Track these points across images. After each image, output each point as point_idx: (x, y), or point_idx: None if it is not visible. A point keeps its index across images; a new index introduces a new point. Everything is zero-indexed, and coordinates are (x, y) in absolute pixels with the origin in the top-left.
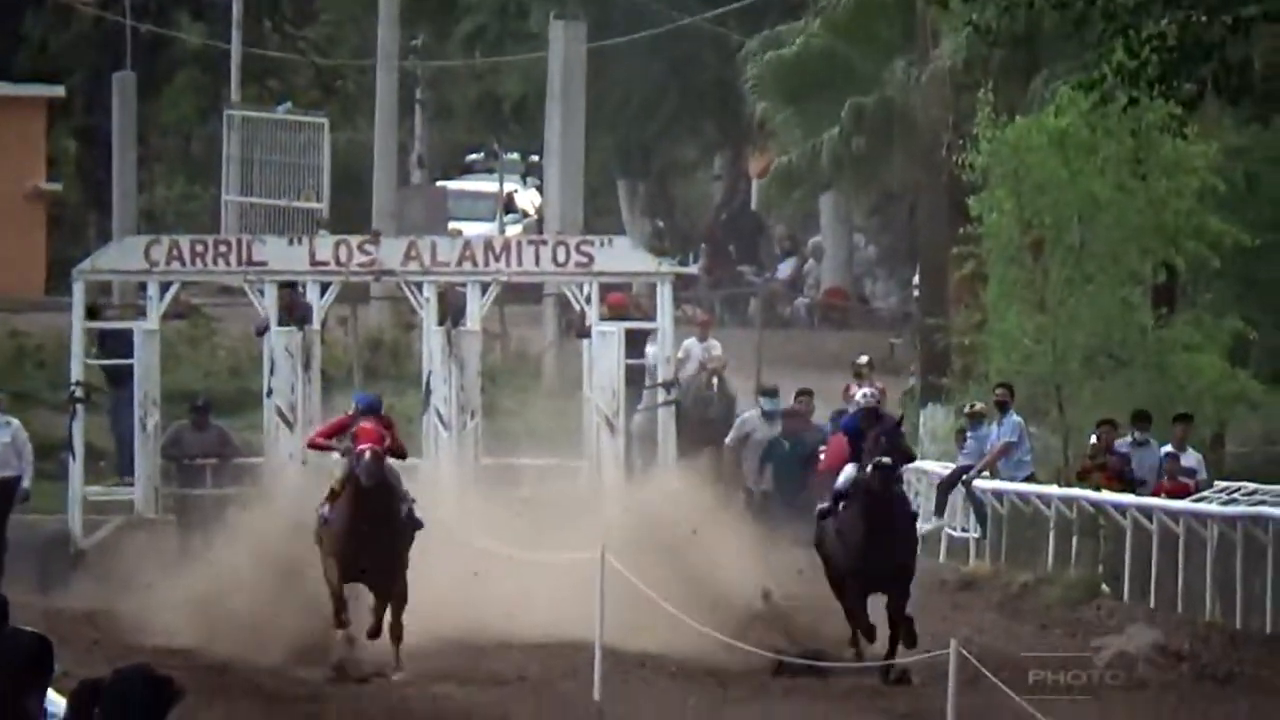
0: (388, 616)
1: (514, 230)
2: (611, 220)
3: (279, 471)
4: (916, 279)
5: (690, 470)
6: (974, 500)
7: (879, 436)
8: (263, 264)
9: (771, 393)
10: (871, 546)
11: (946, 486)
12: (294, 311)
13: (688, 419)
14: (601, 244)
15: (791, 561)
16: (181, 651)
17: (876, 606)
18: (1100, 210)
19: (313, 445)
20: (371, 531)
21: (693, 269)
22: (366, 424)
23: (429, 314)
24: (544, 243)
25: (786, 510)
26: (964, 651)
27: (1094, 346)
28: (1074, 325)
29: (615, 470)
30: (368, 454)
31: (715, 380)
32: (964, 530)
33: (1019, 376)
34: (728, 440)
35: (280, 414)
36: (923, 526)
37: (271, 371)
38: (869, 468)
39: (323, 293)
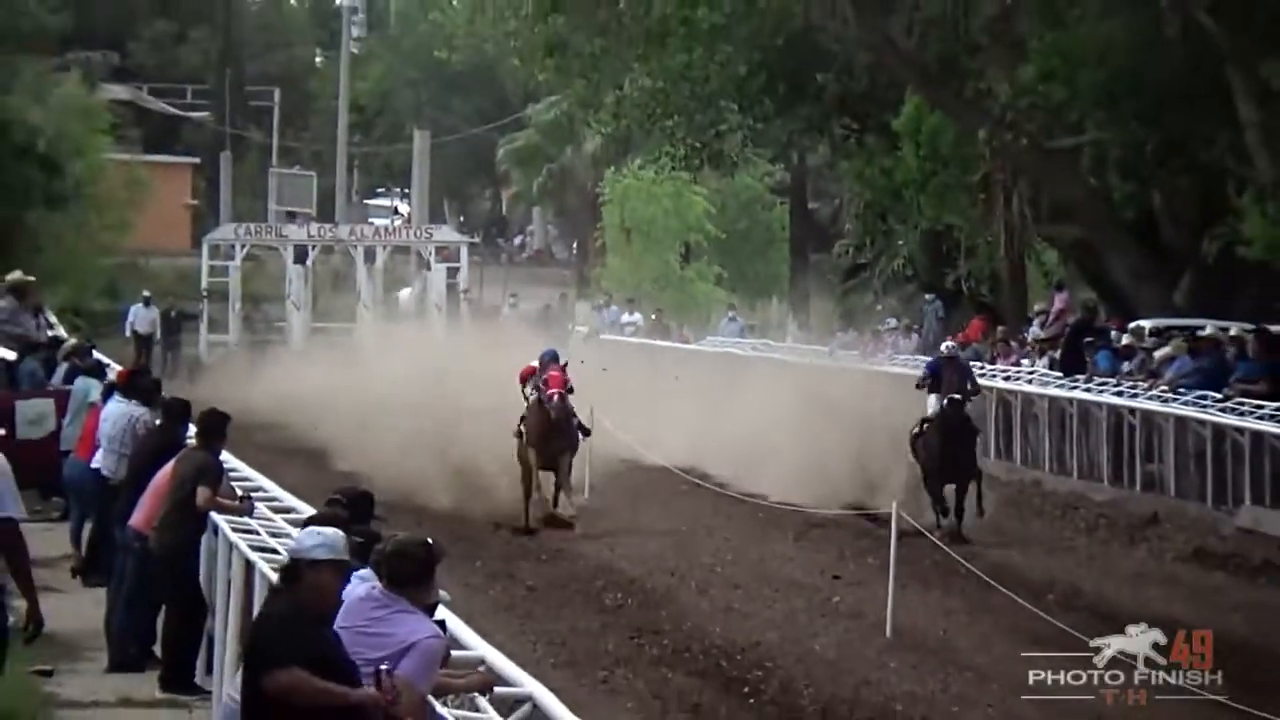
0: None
1: None
2: None
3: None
4: None
5: None
6: None
7: (953, 377)
8: None
9: None
10: (946, 454)
11: None
12: None
13: None
14: None
15: None
16: None
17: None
18: None
19: (522, 377)
20: (553, 437)
21: None
22: (555, 372)
23: None
24: None
25: None
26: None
27: None
28: None
29: None
30: (556, 398)
31: None
32: None
33: None
34: None
35: None
36: None
37: None
38: (945, 401)
39: None
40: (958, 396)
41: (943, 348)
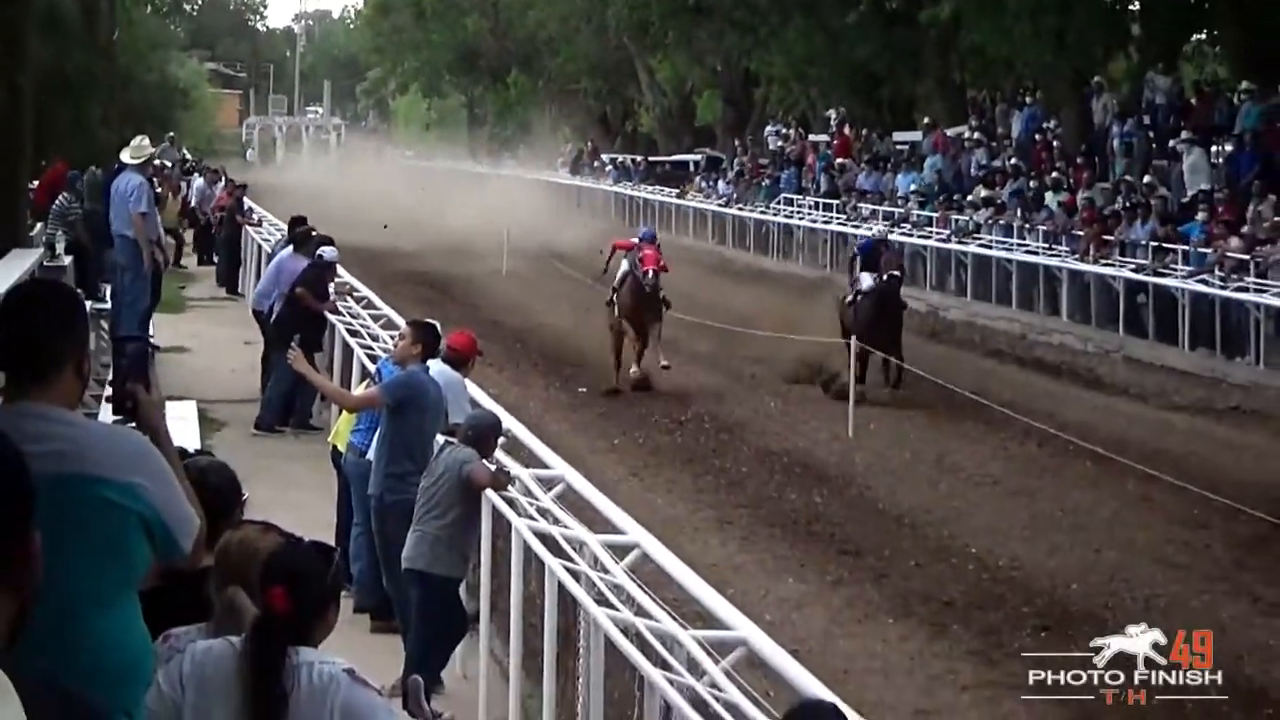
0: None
1: None
2: None
3: None
4: None
5: None
6: None
7: (890, 258)
8: None
9: None
10: (879, 324)
11: None
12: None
13: None
14: None
15: None
16: None
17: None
18: None
19: (615, 248)
20: (645, 310)
21: None
22: (649, 250)
23: None
24: None
25: None
26: None
27: None
28: None
29: None
30: (651, 273)
31: None
32: None
33: None
34: None
35: None
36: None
37: None
38: (884, 276)
39: None
40: (898, 274)
41: (874, 231)
